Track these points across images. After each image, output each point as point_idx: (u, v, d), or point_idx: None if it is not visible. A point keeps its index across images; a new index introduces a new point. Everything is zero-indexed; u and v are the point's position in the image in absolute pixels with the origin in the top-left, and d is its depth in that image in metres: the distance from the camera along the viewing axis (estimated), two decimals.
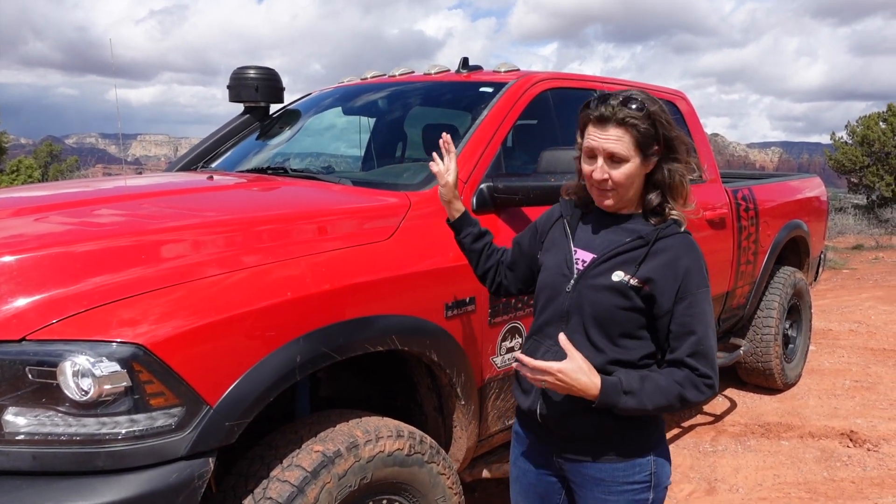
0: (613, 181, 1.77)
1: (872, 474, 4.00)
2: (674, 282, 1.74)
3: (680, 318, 1.74)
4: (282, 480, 1.97)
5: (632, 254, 1.79)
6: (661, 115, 1.76)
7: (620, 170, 1.76)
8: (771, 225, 4.84)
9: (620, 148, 1.74)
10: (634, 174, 1.77)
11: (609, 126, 1.74)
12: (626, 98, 1.74)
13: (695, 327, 1.74)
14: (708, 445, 4.43)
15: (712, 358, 1.77)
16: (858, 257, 13.79)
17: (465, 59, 3.55)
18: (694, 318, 1.74)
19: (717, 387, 1.77)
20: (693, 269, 1.76)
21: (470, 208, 2.69)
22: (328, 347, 2.06)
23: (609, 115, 1.74)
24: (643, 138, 1.74)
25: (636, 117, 1.72)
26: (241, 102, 4.02)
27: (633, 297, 1.76)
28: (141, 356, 1.71)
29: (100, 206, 2.49)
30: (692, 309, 1.74)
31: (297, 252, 2.17)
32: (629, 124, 1.72)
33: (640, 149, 1.75)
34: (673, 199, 1.82)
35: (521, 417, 2.04)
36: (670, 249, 1.77)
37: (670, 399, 1.72)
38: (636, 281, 1.76)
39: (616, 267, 1.79)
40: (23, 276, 1.86)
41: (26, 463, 1.69)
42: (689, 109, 4.42)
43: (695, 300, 1.75)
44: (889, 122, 26.83)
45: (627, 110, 1.72)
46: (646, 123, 1.73)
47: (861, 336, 7.02)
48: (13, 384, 1.70)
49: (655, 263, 1.76)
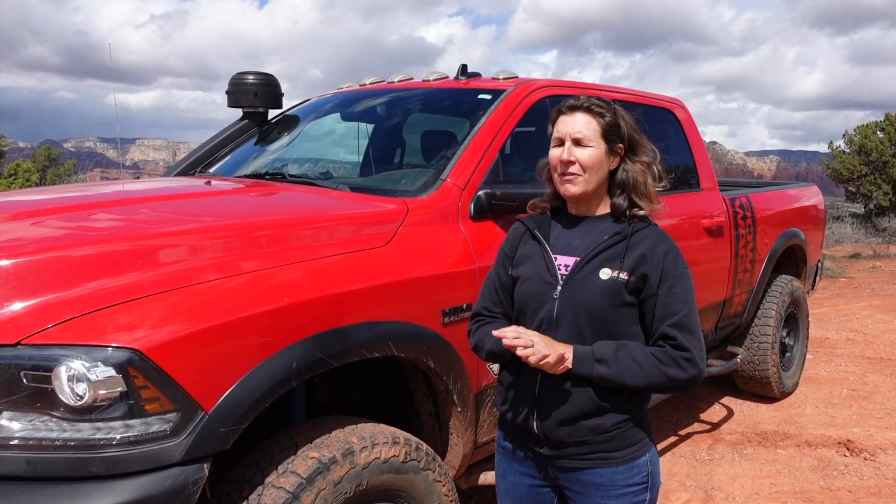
0: (580, 163, 1.85)
1: (869, 483, 3.99)
2: (656, 267, 1.81)
3: (662, 299, 1.80)
4: (277, 487, 1.97)
5: (613, 249, 1.84)
6: (625, 115, 1.90)
7: (586, 151, 1.85)
8: (768, 233, 4.85)
9: (587, 131, 1.85)
10: (599, 159, 1.86)
11: (577, 113, 1.88)
12: (597, 97, 1.90)
13: (677, 306, 1.79)
14: (705, 454, 4.43)
15: (695, 332, 1.79)
16: (856, 266, 13.81)
17: (464, 65, 3.55)
18: (676, 298, 1.80)
19: (699, 364, 1.78)
20: (671, 253, 1.83)
21: (468, 215, 2.70)
22: (324, 353, 2.06)
23: (578, 105, 1.88)
24: (608, 127, 1.86)
25: (602, 107, 1.87)
26: (240, 108, 4.02)
27: (624, 292, 1.80)
28: (136, 361, 1.71)
29: (97, 210, 2.48)
30: (674, 289, 1.80)
31: (294, 258, 2.16)
32: (595, 112, 1.86)
33: (605, 138, 1.86)
34: (639, 200, 1.89)
35: (508, 430, 2.01)
36: (646, 239, 1.85)
37: (648, 372, 1.75)
38: (625, 274, 1.81)
39: (602, 265, 1.83)
40: (19, 280, 1.85)
41: (20, 468, 1.68)
42: (687, 118, 4.42)
43: (676, 281, 1.81)
44: (887, 131, 26.92)
45: (595, 101, 1.88)
46: (610, 115, 1.86)
47: (858, 345, 7.02)
48: (8, 388, 1.69)
49: (636, 254, 1.82)
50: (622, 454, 1.85)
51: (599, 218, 1.92)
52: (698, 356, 1.78)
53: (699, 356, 1.79)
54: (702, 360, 1.80)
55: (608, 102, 1.89)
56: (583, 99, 1.89)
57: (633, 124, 1.90)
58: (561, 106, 1.92)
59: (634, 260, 1.81)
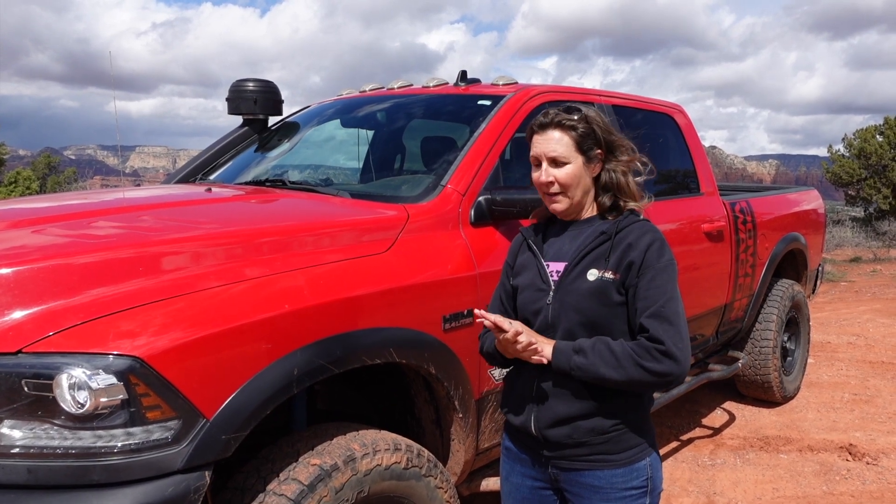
0: (559, 182, 1.86)
1: (872, 488, 3.98)
2: (637, 256, 1.81)
3: (643, 291, 1.79)
4: (278, 494, 1.96)
5: (598, 250, 1.85)
6: (597, 119, 1.88)
7: (563, 170, 1.85)
8: (769, 237, 4.84)
9: (561, 149, 1.84)
10: (577, 174, 1.86)
11: (548, 130, 1.86)
12: (566, 108, 1.88)
13: (657, 298, 1.77)
14: (707, 459, 4.42)
15: (674, 323, 1.75)
16: (856, 270, 13.80)
17: (464, 72, 3.56)
18: (657, 290, 1.78)
19: (676, 355, 1.72)
20: (654, 245, 1.82)
21: (468, 221, 2.70)
22: (326, 360, 2.06)
23: (548, 122, 1.87)
24: (582, 139, 1.84)
25: (573, 120, 1.85)
26: (240, 115, 4.03)
27: (612, 291, 1.81)
28: (138, 369, 1.71)
29: (98, 217, 2.48)
30: (654, 281, 1.79)
31: (294, 264, 2.16)
32: (566, 126, 1.85)
33: (580, 150, 1.85)
34: (624, 198, 1.90)
35: (511, 433, 2.04)
36: (630, 234, 1.85)
37: (624, 363, 1.73)
38: (610, 273, 1.81)
39: (588, 266, 1.84)
40: (20, 288, 1.85)
41: (21, 476, 1.68)
42: (686, 123, 4.43)
43: (657, 273, 1.79)
44: (886, 135, 26.96)
45: (564, 115, 1.86)
46: (582, 125, 1.84)
47: (859, 349, 7.01)
48: (9, 397, 1.69)
49: (620, 251, 1.83)
50: (621, 457, 1.85)
51: (586, 221, 1.94)
52: (674, 347, 1.72)
53: (676, 347, 1.72)
54: (680, 350, 1.73)
55: (577, 110, 1.87)
56: (552, 114, 1.87)
57: (606, 127, 1.89)
58: (533, 124, 1.91)
59: (619, 256, 1.82)
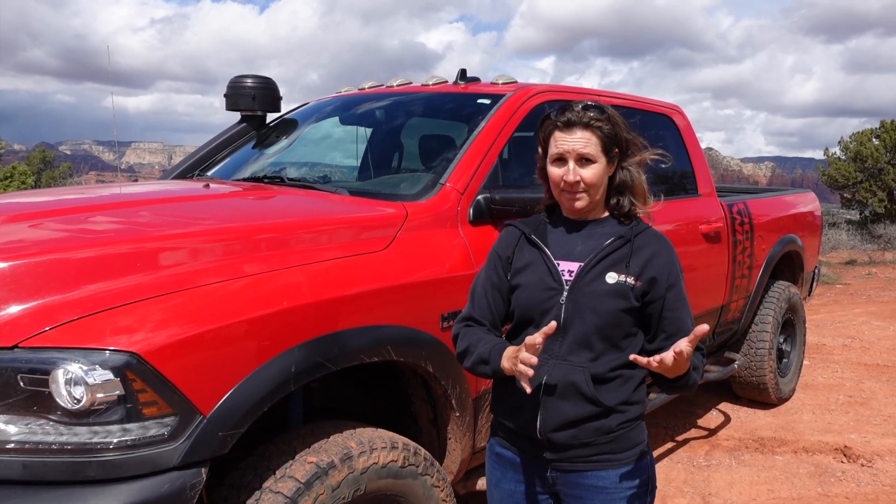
0: (585, 182, 1.83)
1: (867, 490, 3.99)
2: (660, 272, 1.83)
3: (671, 303, 1.84)
4: (275, 492, 1.96)
5: (617, 253, 1.84)
6: (618, 118, 1.87)
7: (590, 169, 1.83)
8: (766, 239, 4.85)
9: (590, 149, 1.82)
10: (602, 174, 1.85)
11: (576, 129, 1.82)
12: (586, 105, 1.84)
13: (682, 312, 1.85)
14: (702, 460, 4.42)
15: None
16: (852, 272, 13.83)
17: (463, 70, 3.55)
18: (682, 303, 1.86)
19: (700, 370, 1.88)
20: (673, 259, 1.88)
21: (467, 220, 2.69)
22: (323, 358, 2.05)
23: (576, 120, 1.82)
24: (607, 140, 1.83)
25: (600, 119, 1.82)
26: (238, 111, 4.02)
27: (630, 296, 1.81)
28: (134, 364, 1.70)
29: (95, 213, 2.47)
30: (679, 294, 1.85)
31: (292, 261, 2.16)
32: (594, 127, 1.81)
33: (604, 151, 1.83)
34: (636, 199, 1.91)
35: (506, 436, 1.97)
36: (650, 244, 1.86)
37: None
38: (632, 279, 1.81)
39: (607, 269, 1.83)
40: (17, 282, 1.84)
41: (16, 472, 1.67)
42: (685, 124, 4.43)
43: (679, 287, 1.86)
44: (882, 138, 27.03)
45: (591, 114, 1.82)
46: (608, 126, 1.82)
47: (855, 351, 7.03)
48: (4, 392, 1.68)
49: (641, 258, 1.83)
50: (625, 455, 1.85)
51: (599, 222, 1.91)
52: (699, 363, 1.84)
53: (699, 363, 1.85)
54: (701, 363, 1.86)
55: (602, 110, 1.83)
56: (579, 112, 1.81)
57: (626, 126, 1.88)
58: (556, 119, 1.83)
59: (641, 264, 1.82)
